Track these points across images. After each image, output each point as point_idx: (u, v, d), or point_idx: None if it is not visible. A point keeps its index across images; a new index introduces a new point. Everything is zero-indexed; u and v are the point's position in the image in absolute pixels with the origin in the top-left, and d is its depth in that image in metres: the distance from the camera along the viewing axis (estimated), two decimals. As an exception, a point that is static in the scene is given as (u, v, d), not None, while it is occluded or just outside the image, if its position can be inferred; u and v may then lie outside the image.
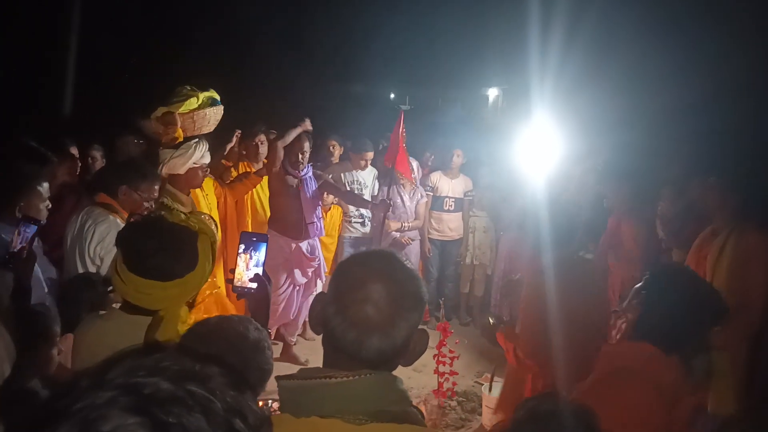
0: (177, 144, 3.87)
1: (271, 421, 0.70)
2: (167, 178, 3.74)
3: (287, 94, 11.14)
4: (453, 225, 6.12)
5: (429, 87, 18.10)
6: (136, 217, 1.90)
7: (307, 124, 4.83)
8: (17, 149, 3.37)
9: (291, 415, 1.12)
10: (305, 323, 5.33)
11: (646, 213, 4.32)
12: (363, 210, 5.65)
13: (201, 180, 3.92)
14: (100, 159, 4.83)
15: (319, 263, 5.00)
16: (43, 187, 2.79)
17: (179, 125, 4.03)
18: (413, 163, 5.92)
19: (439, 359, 4.26)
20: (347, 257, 1.29)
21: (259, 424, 0.65)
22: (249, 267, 1.98)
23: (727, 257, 2.99)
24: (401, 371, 1.20)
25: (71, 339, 1.98)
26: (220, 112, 4.32)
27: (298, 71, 11.42)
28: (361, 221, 5.73)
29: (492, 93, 17.75)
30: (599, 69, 7.94)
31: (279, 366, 3.93)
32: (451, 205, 6.08)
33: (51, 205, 2.86)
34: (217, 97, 4.36)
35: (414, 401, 1.36)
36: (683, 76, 6.77)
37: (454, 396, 4.40)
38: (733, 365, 2.92)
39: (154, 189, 3.22)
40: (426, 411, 4.14)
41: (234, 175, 4.98)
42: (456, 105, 17.57)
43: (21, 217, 2.48)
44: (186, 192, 3.85)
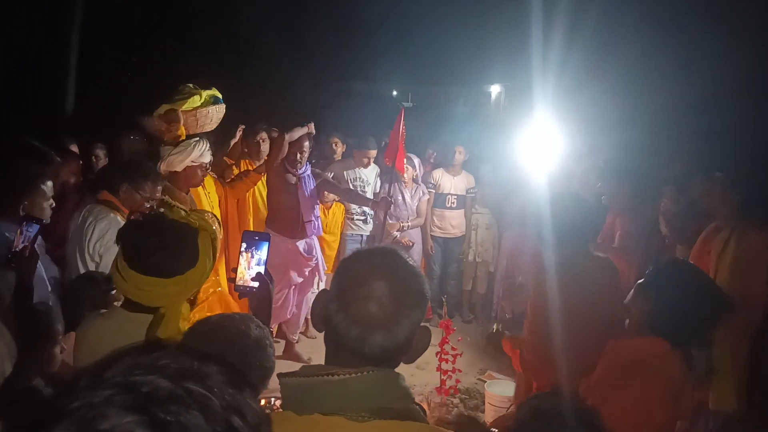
0: (178, 142, 3.87)
1: (271, 419, 0.69)
2: (166, 175, 3.73)
3: (289, 92, 11.15)
4: (455, 222, 6.11)
5: (431, 84, 18.09)
6: (136, 215, 1.89)
7: (311, 127, 4.88)
8: (20, 148, 3.38)
9: (293, 413, 1.11)
10: (307, 321, 5.33)
11: (645, 211, 4.32)
12: (365, 207, 5.65)
13: (200, 179, 3.91)
14: (103, 157, 4.85)
15: (317, 262, 4.99)
16: (47, 186, 2.79)
17: (182, 123, 4.03)
18: (415, 160, 5.91)
19: (442, 356, 4.26)
20: (349, 254, 1.28)
21: (258, 422, 0.65)
22: (251, 266, 1.97)
23: (730, 254, 2.99)
24: (404, 368, 1.20)
25: (74, 337, 1.99)
26: (222, 110, 4.33)
27: (299, 69, 11.42)
28: (363, 219, 5.73)
29: (494, 90, 17.74)
30: (601, 67, 7.94)
31: (281, 364, 3.93)
32: (454, 202, 6.07)
33: (54, 204, 2.87)
34: (219, 96, 4.37)
35: (417, 398, 1.36)
36: (684, 74, 6.77)
37: (456, 393, 4.40)
38: (735, 362, 2.92)
39: (155, 189, 3.22)
40: (428, 408, 4.15)
41: (236, 173, 4.98)
42: (458, 102, 17.57)
43: (23, 217, 2.48)
44: (185, 190, 3.83)
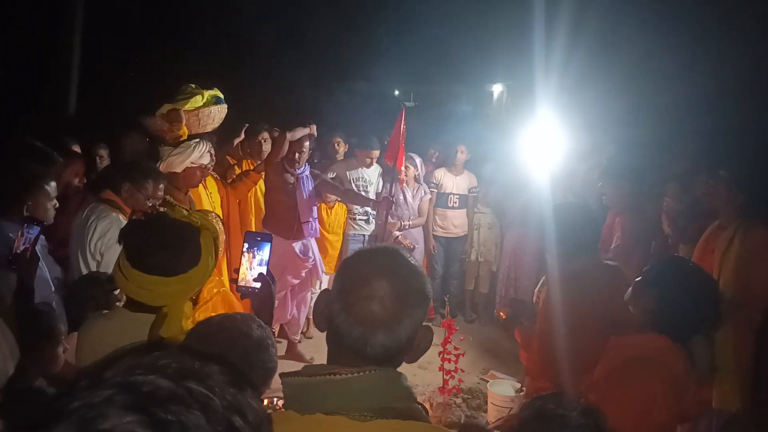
0: (179, 142, 3.87)
1: (272, 419, 0.69)
2: (165, 176, 3.74)
3: (290, 91, 11.14)
4: (457, 222, 6.11)
5: (433, 83, 18.05)
6: (138, 215, 1.89)
7: (314, 128, 4.88)
8: (23, 149, 3.39)
9: (296, 412, 1.11)
10: (309, 321, 5.33)
11: (646, 211, 4.31)
12: (368, 207, 5.64)
13: (199, 180, 3.91)
14: (106, 157, 4.85)
15: (314, 263, 4.98)
16: (51, 186, 2.80)
17: (184, 122, 4.03)
18: (417, 160, 5.91)
19: (444, 356, 4.25)
20: (351, 254, 1.28)
21: (259, 421, 0.65)
22: (253, 266, 1.98)
23: (734, 253, 2.99)
24: (406, 368, 1.19)
25: (76, 338, 1.99)
26: (224, 110, 4.34)
27: (300, 69, 11.41)
28: (366, 218, 5.72)
29: (496, 89, 17.70)
30: (604, 65, 7.91)
31: (284, 364, 3.92)
32: (456, 202, 6.07)
33: (57, 204, 2.87)
34: (221, 96, 4.37)
35: (419, 398, 1.36)
36: (688, 73, 6.74)
37: (459, 393, 4.40)
38: (738, 360, 2.92)
39: (157, 188, 3.22)
40: (431, 408, 4.14)
41: (238, 173, 4.98)
42: (460, 101, 17.54)
43: (24, 219, 2.47)
44: (184, 191, 3.83)
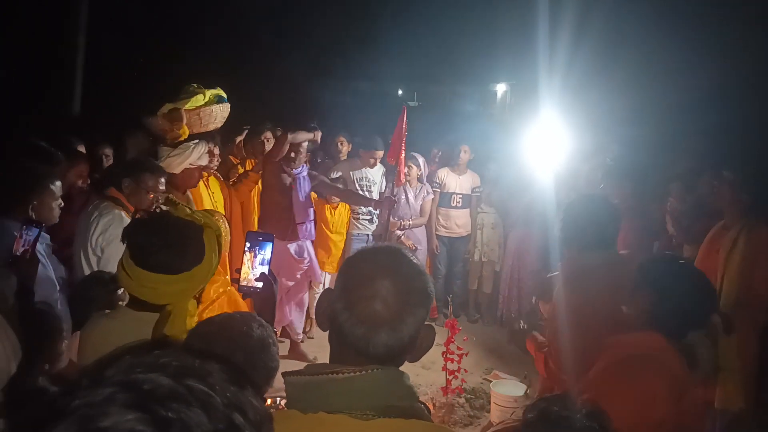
0: (178, 142, 3.88)
1: (272, 417, 0.69)
2: (165, 170, 3.74)
3: (294, 91, 11.15)
4: (461, 221, 6.10)
5: (437, 83, 18.06)
6: (141, 213, 1.89)
7: (318, 135, 4.87)
8: (28, 148, 3.39)
9: (298, 411, 1.11)
10: (311, 320, 5.33)
11: (650, 211, 4.30)
12: (369, 207, 5.64)
13: (197, 180, 3.92)
14: (111, 157, 4.85)
15: (310, 264, 4.97)
16: (56, 186, 2.80)
17: (185, 122, 4.03)
18: (420, 159, 5.90)
19: (448, 356, 4.25)
20: (354, 253, 1.28)
21: (260, 419, 0.65)
22: (254, 266, 1.98)
23: (739, 251, 2.98)
24: (409, 368, 1.19)
25: (78, 337, 1.98)
26: (226, 109, 4.32)
27: (304, 68, 11.42)
28: (369, 218, 5.71)
29: (500, 89, 17.70)
30: (608, 65, 7.91)
31: (287, 363, 3.93)
32: (459, 202, 6.06)
33: (63, 204, 2.88)
34: (224, 95, 4.36)
35: (422, 398, 1.36)
36: (692, 72, 6.73)
37: (462, 393, 4.39)
38: (742, 360, 2.91)
39: (158, 182, 3.23)
40: (434, 408, 4.14)
41: (241, 172, 4.98)
42: (464, 101, 17.54)
43: (24, 221, 2.45)
44: (182, 191, 3.83)
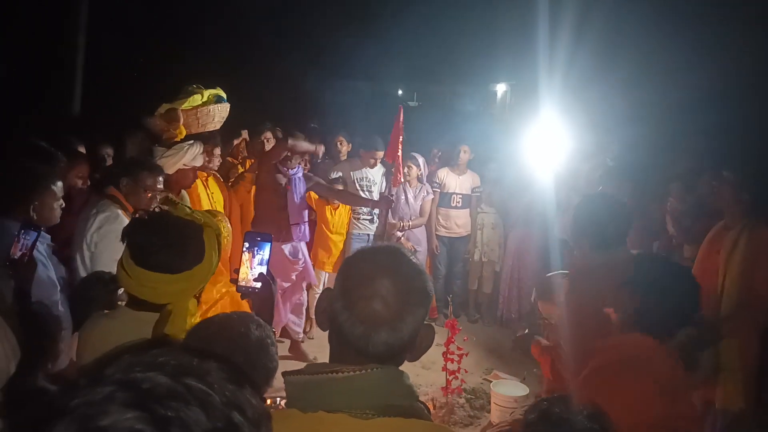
0: (173, 143, 3.88)
1: (271, 415, 0.69)
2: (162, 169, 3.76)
3: (294, 90, 11.15)
4: (461, 222, 6.10)
5: (437, 83, 18.07)
6: (141, 213, 1.89)
7: (319, 150, 4.88)
8: (28, 149, 3.39)
9: (298, 410, 1.11)
10: (311, 320, 5.33)
11: (650, 211, 4.30)
12: (366, 207, 5.63)
13: (191, 181, 3.92)
14: (113, 156, 4.85)
15: (304, 266, 4.97)
16: (57, 186, 2.80)
17: (181, 122, 4.04)
18: (420, 159, 5.90)
19: (448, 356, 4.25)
20: (353, 253, 1.28)
21: (258, 417, 0.65)
22: (253, 266, 1.97)
23: (741, 252, 2.97)
24: (409, 368, 1.19)
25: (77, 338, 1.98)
26: (225, 109, 4.32)
27: (304, 68, 11.42)
28: (370, 218, 5.70)
29: (500, 89, 17.71)
30: (608, 65, 7.90)
31: (287, 363, 3.93)
32: (459, 202, 6.06)
33: (63, 204, 2.88)
34: (224, 95, 4.36)
35: (422, 398, 1.36)
36: (692, 72, 6.73)
37: (462, 393, 4.39)
38: (743, 360, 2.91)
39: (156, 181, 3.25)
40: (434, 408, 4.14)
41: (240, 171, 5.00)
42: (464, 101, 17.54)
43: (21, 224, 2.44)
44: (176, 192, 3.83)
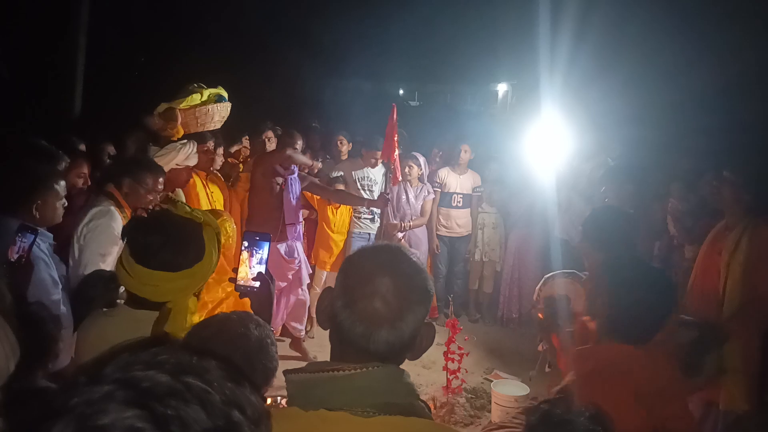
0: (168, 142, 3.89)
1: (270, 414, 0.69)
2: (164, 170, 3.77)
3: (295, 90, 11.16)
4: (461, 221, 6.10)
5: (438, 83, 18.09)
6: (141, 212, 1.89)
7: (315, 167, 5.05)
8: (30, 148, 3.39)
9: (299, 409, 1.11)
10: (312, 319, 5.33)
11: (651, 211, 4.30)
12: (363, 206, 5.62)
13: (185, 181, 3.93)
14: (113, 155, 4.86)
15: (300, 265, 4.97)
16: (60, 186, 2.79)
17: (180, 121, 4.03)
18: (420, 159, 5.90)
19: (448, 356, 4.25)
20: (354, 252, 1.28)
21: (258, 416, 0.65)
22: (252, 265, 1.97)
23: (743, 252, 2.96)
24: (410, 368, 1.19)
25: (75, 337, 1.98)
26: (225, 108, 4.31)
27: (305, 67, 11.43)
28: (371, 217, 5.69)
29: (501, 88, 17.73)
30: (609, 64, 7.91)
31: (287, 362, 3.91)
32: (459, 201, 6.05)
33: (66, 203, 2.88)
34: (225, 94, 4.35)
35: (423, 398, 1.35)
36: (694, 71, 6.73)
37: (462, 393, 4.39)
38: (746, 361, 2.90)
39: (157, 181, 3.25)
40: (435, 408, 4.14)
41: (241, 170, 5.00)
42: (465, 101, 17.56)
43: (19, 227, 2.43)
44: (170, 190, 3.83)
